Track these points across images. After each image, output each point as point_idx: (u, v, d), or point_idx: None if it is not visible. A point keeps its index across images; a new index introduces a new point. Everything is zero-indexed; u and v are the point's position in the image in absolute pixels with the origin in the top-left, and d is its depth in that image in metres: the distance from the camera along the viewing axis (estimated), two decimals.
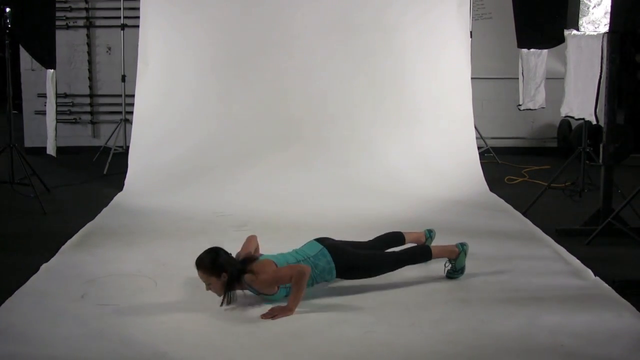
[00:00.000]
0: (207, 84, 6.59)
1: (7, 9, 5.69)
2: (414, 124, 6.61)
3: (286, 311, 3.49)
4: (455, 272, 4.01)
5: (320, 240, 3.86)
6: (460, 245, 4.02)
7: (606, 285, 3.85)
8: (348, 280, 3.87)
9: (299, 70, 6.58)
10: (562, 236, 4.89)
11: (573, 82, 5.31)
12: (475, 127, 6.95)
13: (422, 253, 3.99)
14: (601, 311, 3.52)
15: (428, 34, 6.65)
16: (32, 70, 8.07)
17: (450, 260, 4.01)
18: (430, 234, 4.35)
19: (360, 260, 3.84)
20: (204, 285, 3.59)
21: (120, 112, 7.90)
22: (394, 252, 4.03)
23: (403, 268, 3.93)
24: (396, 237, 4.24)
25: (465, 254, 4.02)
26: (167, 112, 6.58)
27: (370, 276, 3.87)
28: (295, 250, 3.84)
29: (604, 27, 4.96)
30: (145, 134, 6.53)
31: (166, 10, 6.61)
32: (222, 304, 3.61)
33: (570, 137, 7.89)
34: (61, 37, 7.68)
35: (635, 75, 8.36)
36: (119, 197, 6.01)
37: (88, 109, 8.37)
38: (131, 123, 6.78)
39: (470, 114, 6.77)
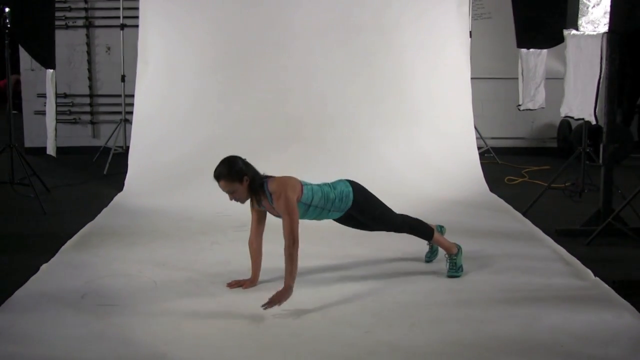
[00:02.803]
0: (207, 84, 6.59)
1: (7, 9, 5.69)
2: (414, 124, 6.61)
3: (286, 291, 3.45)
4: (457, 271, 4.04)
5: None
6: (457, 245, 4.11)
7: (606, 285, 3.85)
8: (354, 221, 3.99)
9: (299, 70, 6.58)
10: (562, 236, 4.88)
11: (573, 82, 5.31)
12: (475, 127, 6.95)
13: (425, 230, 4.10)
14: (601, 311, 3.52)
15: (427, 34, 6.66)
16: (32, 70, 8.07)
17: (451, 257, 4.05)
18: (441, 229, 4.37)
19: (376, 202, 3.98)
20: (203, 285, 3.58)
21: (120, 112, 7.91)
22: (404, 214, 4.12)
23: (403, 266, 3.93)
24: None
25: (461, 253, 4.08)
26: (167, 113, 6.58)
27: (376, 219, 3.98)
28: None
29: (603, 27, 4.96)
30: (145, 134, 6.53)
31: (166, 10, 6.61)
32: (253, 206, 3.76)
33: (570, 137, 7.90)
34: (61, 37, 7.66)
35: None
36: (119, 197, 6.01)
37: (88, 109, 8.37)
38: (131, 123, 6.78)
39: (470, 114, 6.77)
